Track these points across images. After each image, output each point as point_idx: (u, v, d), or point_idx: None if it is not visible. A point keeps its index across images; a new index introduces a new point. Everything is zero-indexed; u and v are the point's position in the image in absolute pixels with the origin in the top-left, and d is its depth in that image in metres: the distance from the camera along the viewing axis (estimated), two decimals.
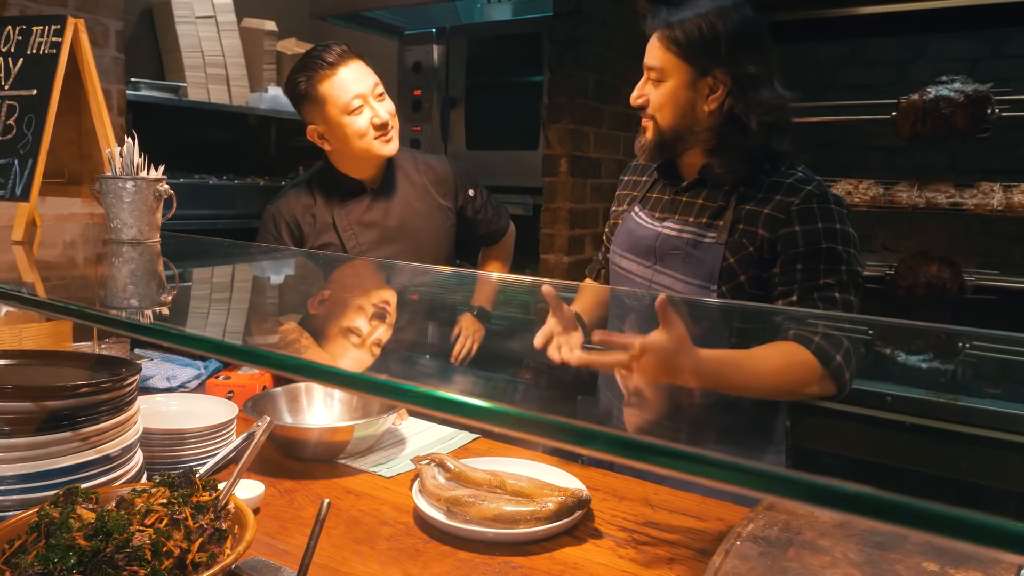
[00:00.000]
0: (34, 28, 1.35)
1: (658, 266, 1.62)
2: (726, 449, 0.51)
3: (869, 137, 3.16)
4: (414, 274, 1.60)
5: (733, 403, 1.36)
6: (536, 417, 0.51)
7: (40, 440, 1.16)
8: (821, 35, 3.27)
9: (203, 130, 3.92)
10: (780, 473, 0.49)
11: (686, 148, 1.59)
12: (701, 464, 0.50)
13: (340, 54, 1.99)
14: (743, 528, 1.16)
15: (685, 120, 1.54)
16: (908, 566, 1.05)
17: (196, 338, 0.78)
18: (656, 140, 1.58)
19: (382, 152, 2.03)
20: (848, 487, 0.47)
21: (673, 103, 1.54)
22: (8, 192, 1.30)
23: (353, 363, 0.95)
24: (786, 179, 1.54)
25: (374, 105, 2.00)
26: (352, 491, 1.45)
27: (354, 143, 2.00)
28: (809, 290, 1.46)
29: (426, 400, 0.56)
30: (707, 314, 1.38)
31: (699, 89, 1.52)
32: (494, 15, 3.64)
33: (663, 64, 1.53)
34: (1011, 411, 2.13)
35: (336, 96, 1.97)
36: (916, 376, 1.76)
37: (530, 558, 1.21)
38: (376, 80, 2.03)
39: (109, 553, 0.95)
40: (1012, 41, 2.95)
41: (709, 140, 1.56)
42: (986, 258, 2.99)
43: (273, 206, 2.14)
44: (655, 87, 1.56)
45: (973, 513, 0.43)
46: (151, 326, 0.81)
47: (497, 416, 0.52)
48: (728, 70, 1.50)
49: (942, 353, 1.01)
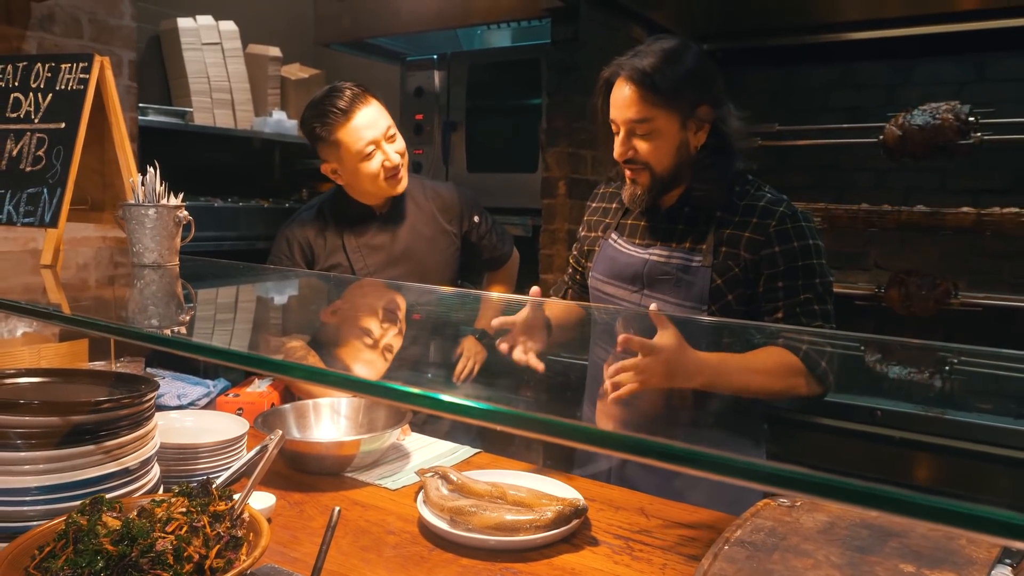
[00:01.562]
0: (63, 65, 1.43)
1: (647, 291, 1.70)
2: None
3: (860, 158, 3.24)
4: (420, 293, 1.67)
5: (712, 414, 1.44)
6: (527, 416, 0.58)
7: (64, 453, 1.22)
8: (813, 60, 3.37)
9: (209, 154, 3.99)
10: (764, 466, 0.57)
11: (678, 184, 1.67)
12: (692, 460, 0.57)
13: (353, 98, 2.06)
14: (731, 534, 1.22)
15: (681, 160, 1.62)
16: (887, 568, 1.11)
17: (236, 354, 0.85)
18: (654, 186, 1.64)
19: (392, 192, 2.14)
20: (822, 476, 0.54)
21: (669, 147, 1.60)
22: (38, 219, 1.37)
23: (372, 372, 1.01)
24: (758, 201, 1.64)
25: (386, 149, 2.08)
26: (359, 503, 1.51)
27: (366, 185, 2.11)
28: (792, 306, 1.59)
29: (430, 402, 0.63)
30: (702, 330, 1.48)
31: (688, 127, 1.61)
32: (494, 42, 3.73)
33: (649, 114, 1.58)
34: (999, 424, 2.19)
35: (350, 143, 2.05)
36: (905, 390, 1.82)
37: (530, 564, 1.28)
38: (388, 123, 2.10)
39: (134, 557, 1.02)
40: (996, 65, 3.04)
41: (695, 171, 1.64)
42: (976, 276, 3.06)
43: (288, 228, 2.24)
44: (644, 140, 1.61)
45: (957, 502, 0.50)
46: (193, 343, 0.88)
47: (492, 415, 0.59)
48: (709, 103, 1.59)
49: (929, 367, 1.08)
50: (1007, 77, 3.02)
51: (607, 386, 1.38)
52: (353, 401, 1.87)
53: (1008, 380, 1.00)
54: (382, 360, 1.09)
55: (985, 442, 2.21)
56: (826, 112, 3.35)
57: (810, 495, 0.55)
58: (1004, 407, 1.67)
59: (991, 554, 1.15)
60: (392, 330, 1.29)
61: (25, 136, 1.43)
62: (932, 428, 2.30)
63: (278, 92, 4.16)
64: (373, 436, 1.67)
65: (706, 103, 1.59)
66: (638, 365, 1.27)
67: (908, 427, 2.34)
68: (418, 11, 3.38)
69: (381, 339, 1.18)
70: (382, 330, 1.28)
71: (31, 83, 1.45)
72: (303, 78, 4.28)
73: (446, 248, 2.28)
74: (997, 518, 0.47)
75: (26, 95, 1.46)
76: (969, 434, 2.25)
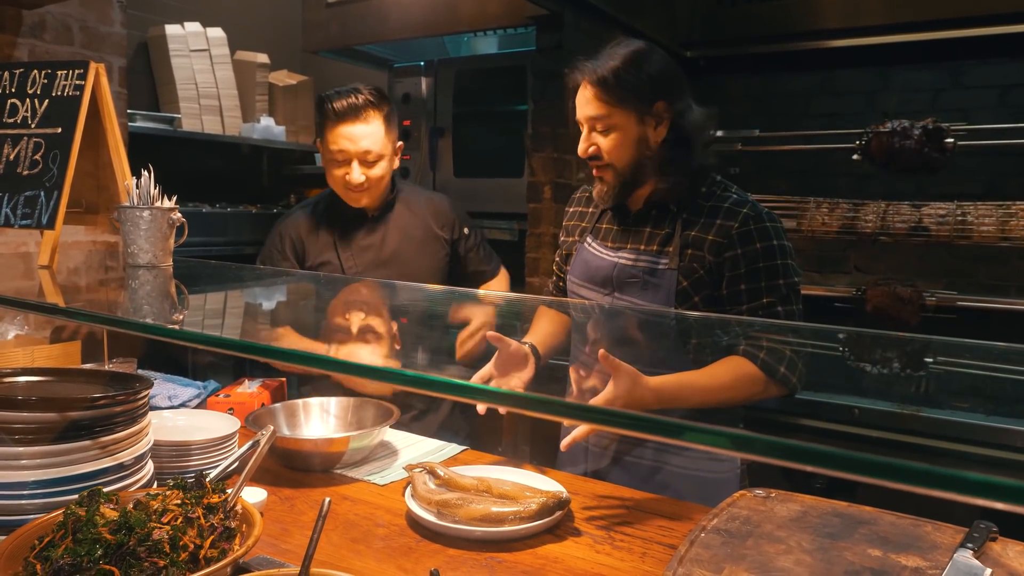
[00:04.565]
0: (58, 72, 1.47)
1: (616, 294, 1.74)
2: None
3: (839, 164, 3.30)
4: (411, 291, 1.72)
5: (688, 414, 1.49)
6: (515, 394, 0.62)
7: (60, 448, 1.25)
8: (793, 67, 3.43)
9: (197, 160, 4.02)
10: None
11: (643, 181, 1.71)
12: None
13: (355, 108, 2.10)
14: (708, 522, 1.27)
15: (641, 155, 1.67)
16: (855, 552, 1.16)
17: (249, 345, 0.89)
18: (618, 182, 1.70)
19: (352, 203, 2.21)
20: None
21: (628, 142, 1.66)
22: (35, 221, 1.41)
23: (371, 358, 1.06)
24: (724, 203, 1.68)
25: (354, 168, 2.13)
26: (348, 497, 1.55)
27: (330, 181, 2.21)
28: (754, 309, 1.62)
29: (419, 383, 0.67)
30: (667, 329, 1.52)
31: (647, 123, 1.66)
32: (480, 49, 3.78)
33: (607, 111, 1.64)
34: (973, 422, 2.24)
35: (328, 142, 2.14)
36: (882, 388, 1.87)
37: (514, 554, 1.32)
38: (372, 148, 2.13)
39: (132, 546, 1.05)
40: (971, 73, 3.11)
41: (658, 168, 1.69)
42: (952, 278, 3.13)
43: (281, 223, 2.31)
44: (603, 136, 1.67)
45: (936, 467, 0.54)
46: (212, 336, 0.92)
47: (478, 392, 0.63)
48: (666, 98, 1.64)
49: (907, 365, 1.13)
50: (982, 84, 3.09)
51: (566, 442, 1.47)
52: (342, 400, 1.91)
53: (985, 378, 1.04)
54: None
55: (962, 440, 2.27)
56: (806, 118, 3.42)
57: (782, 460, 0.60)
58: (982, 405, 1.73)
59: (955, 540, 1.20)
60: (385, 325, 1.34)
61: (22, 141, 1.47)
62: (910, 426, 2.35)
63: (266, 98, 4.20)
64: (362, 433, 1.70)
65: (663, 99, 1.64)
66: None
67: (886, 425, 2.39)
68: (405, 18, 3.43)
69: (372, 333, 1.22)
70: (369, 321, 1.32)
71: (27, 89, 1.49)
72: (291, 84, 4.32)
73: (436, 252, 2.33)
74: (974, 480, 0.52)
75: (23, 101, 1.50)
76: (945, 431, 2.30)
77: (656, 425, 0.67)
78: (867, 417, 2.38)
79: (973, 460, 2.27)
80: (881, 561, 1.13)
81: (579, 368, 1.57)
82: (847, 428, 2.42)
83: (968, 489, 0.53)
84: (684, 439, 0.64)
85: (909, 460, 0.56)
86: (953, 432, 2.28)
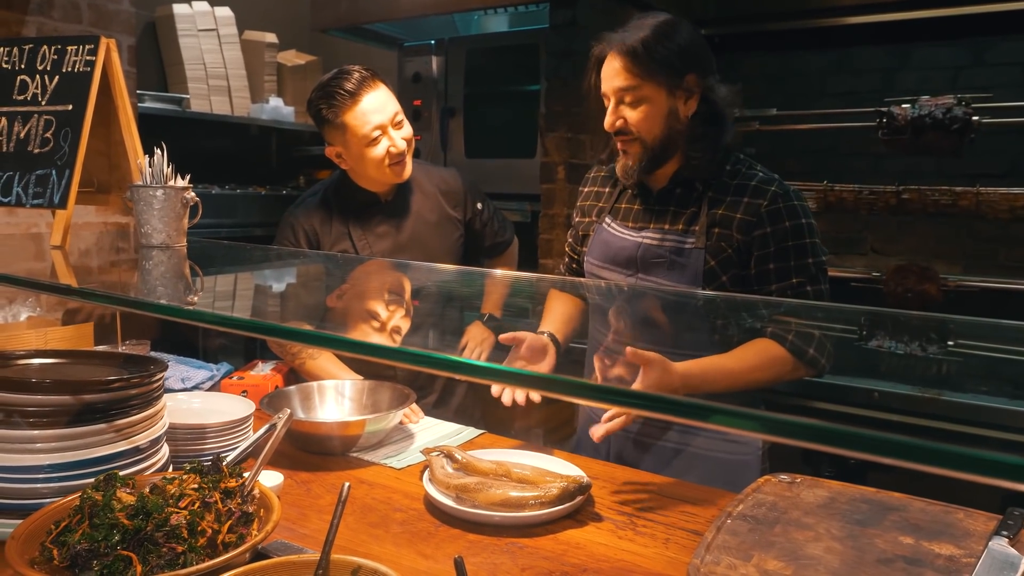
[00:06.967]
0: (68, 48, 1.43)
1: (640, 274, 1.71)
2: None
3: (857, 143, 3.25)
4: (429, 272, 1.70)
5: (709, 396, 1.47)
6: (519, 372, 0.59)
7: (75, 431, 1.24)
8: (810, 44, 3.37)
9: (205, 140, 4.00)
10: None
11: (670, 157, 1.68)
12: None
13: (361, 81, 2.03)
14: (734, 508, 1.24)
15: (671, 128, 1.63)
16: (886, 540, 1.13)
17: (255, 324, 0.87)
18: (645, 157, 1.65)
19: (396, 180, 2.13)
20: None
21: (657, 115, 1.61)
22: (47, 200, 1.38)
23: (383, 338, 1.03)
24: (750, 180, 1.64)
25: (392, 135, 2.06)
26: (365, 481, 1.53)
27: (370, 170, 2.10)
28: (783, 289, 1.60)
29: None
30: (693, 310, 1.50)
31: (677, 96, 1.62)
32: (491, 27, 3.73)
33: (636, 83, 1.60)
34: (994, 405, 2.21)
35: (357, 126, 2.03)
36: (902, 372, 1.84)
37: (535, 539, 1.30)
38: (396, 108, 2.09)
39: (150, 531, 1.04)
40: (994, 49, 3.05)
41: (687, 143, 1.65)
42: (972, 260, 3.08)
43: (292, 215, 2.22)
44: (632, 108, 1.62)
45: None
46: (241, 320, 0.90)
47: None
48: (696, 71, 1.60)
49: (926, 348, 1.10)
50: (1004, 61, 3.03)
51: (600, 432, 1.44)
52: (357, 383, 1.89)
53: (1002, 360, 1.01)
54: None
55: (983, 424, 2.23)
56: (823, 97, 3.36)
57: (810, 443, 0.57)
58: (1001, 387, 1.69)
59: (988, 526, 1.17)
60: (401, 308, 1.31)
61: (32, 118, 1.44)
62: (930, 409, 2.32)
63: (275, 78, 4.16)
64: (378, 416, 1.68)
65: (693, 72, 1.60)
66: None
67: (906, 409, 2.36)
68: None
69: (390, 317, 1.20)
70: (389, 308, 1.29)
71: (37, 65, 1.46)
72: (299, 64, 4.27)
73: (451, 234, 2.29)
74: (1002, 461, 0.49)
75: (32, 78, 1.47)
76: (967, 415, 2.27)
77: (695, 409, 0.64)
78: (887, 400, 2.35)
79: (995, 445, 2.23)
80: (914, 549, 1.10)
81: (603, 357, 1.54)
82: (865, 412, 2.40)
83: (1011, 474, 0.50)
84: (718, 423, 0.62)
85: (954, 446, 0.53)
86: (976, 416, 2.24)
